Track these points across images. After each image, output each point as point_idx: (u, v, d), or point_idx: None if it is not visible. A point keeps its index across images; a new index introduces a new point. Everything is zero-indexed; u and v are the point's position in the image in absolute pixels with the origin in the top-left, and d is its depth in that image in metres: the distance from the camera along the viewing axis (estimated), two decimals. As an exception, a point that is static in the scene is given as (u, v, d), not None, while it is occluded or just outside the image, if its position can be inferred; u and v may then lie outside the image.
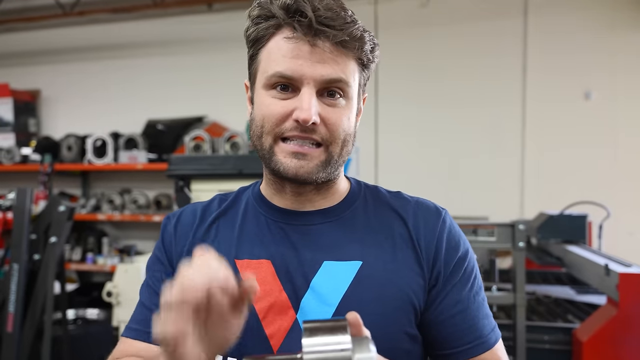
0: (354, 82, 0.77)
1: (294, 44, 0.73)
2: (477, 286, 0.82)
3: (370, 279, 0.77)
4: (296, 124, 0.74)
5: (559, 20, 3.72)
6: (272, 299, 0.77)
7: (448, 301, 0.79)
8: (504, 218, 2.83)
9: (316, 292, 0.77)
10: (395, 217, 0.83)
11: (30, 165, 4.24)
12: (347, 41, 0.73)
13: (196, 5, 4.30)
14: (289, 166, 0.76)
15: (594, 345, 1.84)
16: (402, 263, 0.79)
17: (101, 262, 4.17)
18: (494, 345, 0.80)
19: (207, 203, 0.91)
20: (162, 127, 4.19)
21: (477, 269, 0.84)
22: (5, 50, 4.95)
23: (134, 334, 0.83)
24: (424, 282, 0.79)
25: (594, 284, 2.15)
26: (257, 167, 2.46)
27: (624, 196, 3.56)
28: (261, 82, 0.77)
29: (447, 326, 0.79)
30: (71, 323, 3.30)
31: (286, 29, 0.74)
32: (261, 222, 0.84)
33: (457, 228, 0.85)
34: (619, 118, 3.64)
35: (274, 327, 0.76)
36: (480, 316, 0.80)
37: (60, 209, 2.55)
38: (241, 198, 0.90)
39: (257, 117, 0.78)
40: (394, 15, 3.92)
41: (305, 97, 0.73)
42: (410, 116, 3.98)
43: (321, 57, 0.73)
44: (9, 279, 2.47)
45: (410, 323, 0.78)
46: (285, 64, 0.73)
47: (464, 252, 0.82)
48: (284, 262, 0.80)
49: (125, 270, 2.24)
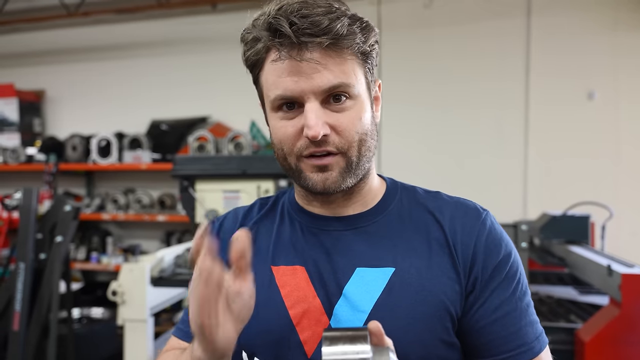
0: (356, 80, 0.74)
1: (283, 63, 0.72)
2: (520, 291, 0.78)
3: (403, 286, 0.76)
4: (309, 140, 0.73)
5: (562, 21, 3.72)
6: (306, 305, 0.78)
7: (487, 307, 0.76)
8: (507, 218, 2.83)
9: (348, 299, 0.77)
10: (431, 220, 0.81)
11: (35, 165, 4.26)
12: (334, 43, 0.71)
13: (200, 6, 4.32)
14: (316, 181, 0.76)
15: (596, 346, 1.85)
16: (437, 269, 0.77)
17: (105, 262, 4.19)
18: (539, 353, 0.76)
19: (248, 208, 0.92)
20: (166, 127, 4.21)
21: (521, 272, 0.80)
22: (10, 51, 4.98)
23: (180, 334, 0.88)
24: (460, 288, 0.76)
25: (596, 284, 2.15)
26: (261, 168, 2.48)
27: (627, 197, 3.56)
28: (268, 106, 0.78)
29: (487, 333, 0.76)
30: (76, 322, 3.32)
31: (272, 51, 0.73)
32: (296, 228, 0.85)
33: (498, 230, 0.81)
34: (622, 118, 3.64)
35: (308, 333, 0.76)
36: (524, 322, 0.77)
37: (66, 209, 2.56)
38: (279, 203, 0.91)
39: (275, 140, 0.79)
40: (397, 16, 3.93)
41: (309, 114, 0.72)
42: (412, 117, 3.98)
43: (314, 67, 0.71)
44: (15, 278, 2.49)
45: (447, 330, 0.76)
46: (283, 85, 0.73)
47: (506, 255, 0.78)
48: (317, 269, 0.79)
49: (130, 270, 2.25)
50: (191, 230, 3.92)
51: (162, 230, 4.46)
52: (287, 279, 0.80)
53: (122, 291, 2.23)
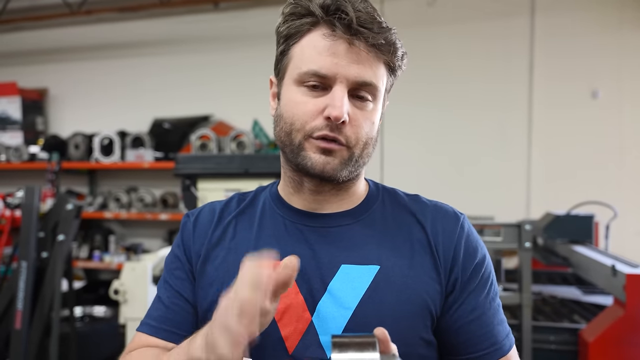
0: (382, 87, 0.77)
1: (332, 41, 0.73)
2: (493, 292, 0.82)
3: (387, 284, 0.77)
4: (326, 121, 0.74)
5: (566, 21, 3.70)
6: (288, 301, 0.77)
7: (465, 307, 0.79)
8: (511, 218, 2.82)
9: (333, 295, 0.77)
10: (413, 221, 0.83)
11: (37, 163, 4.27)
12: (382, 44, 0.73)
13: (202, 4, 4.32)
14: (317, 161, 0.76)
15: (600, 346, 1.84)
16: (419, 268, 0.79)
17: (108, 260, 4.19)
18: (509, 351, 0.81)
19: (225, 202, 0.91)
20: (168, 126, 4.21)
21: (493, 274, 0.84)
22: (13, 49, 4.98)
23: (149, 330, 0.84)
24: (441, 288, 0.79)
25: (600, 284, 2.14)
26: (263, 167, 2.47)
27: (631, 196, 3.54)
28: (292, 77, 0.77)
29: (463, 332, 0.79)
30: (78, 320, 3.32)
31: (324, 26, 0.74)
32: (278, 223, 0.84)
33: (475, 234, 0.85)
34: (626, 118, 3.62)
35: (290, 328, 0.76)
36: (496, 322, 0.81)
37: (68, 207, 2.56)
38: (259, 198, 0.90)
39: (285, 113, 0.78)
40: (401, 15, 3.91)
41: (338, 95, 0.73)
42: (416, 117, 3.97)
43: (357, 57, 0.73)
44: (18, 277, 2.49)
45: (427, 328, 0.78)
46: (321, 62, 0.73)
47: (482, 258, 0.82)
48: (301, 264, 0.78)
49: (132, 269, 2.25)
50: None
51: (164, 229, 4.46)
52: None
53: (124, 290, 2.23)
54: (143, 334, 0.84)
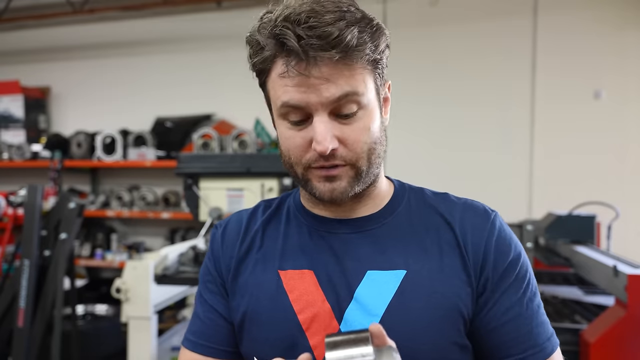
0: (366, 88, 0.71)
1: (292, 73, 0.69)
2: (530, 292, 0.78)
3: (415, 288, 0.75)
4: (317, 153, 0.72)
5: (568, 20, 3.70)
6: (315, 310, 0.76)
7: (498, 308, 0.76)
8: (512, 218, 2.82)
9: (360, 302, 0.75)
10: (441, 221, 0.80)
11: (40, 161, 4.28)
12: (344, 56, 0.67)
13: (205, 3, 4.32)
14: (323, 190, 0.74)
15: (601, 347, 1.84)
16: (448, 270, 0.76)
17: (110, 258, 4.20)
18: (551, 354, 0.77)
19: (252, 210, 0.90)
20: (170, 125, 4.21)
21: (531, 273, 0.80)
22: (16, 47, 4.99)
23: (189, 345, 0.85)
24: (472, 290, 0.75)
25: (602, 285, 2.13)
26: (265, 166, 2.47)
27: (633, 196, 3.54)
28: (276, 112, 0.75)
29: (498, 335, 0.75)
30: (80, 318, 3.33)
31: (279, 62, 0.70)
32: (303, 231, 0.83)
33: (507, 231, 0.81)
34: (628, 118, 3.61)
35: (318, 337, 0.75)
36: (535, 324, 0.76)
37: (71, 206, 2.57)
38: (284, 205, 0.89)
39: (282, 147, 0.77)
40: (403, 14, 3.91)
41: (318, 128, 0.70)
42: (418, 115, 3.97)
43: (322, 76, 0.68)
44: (20, 275, 2.50)
45: (459, 333, 0.75)
46: (289, 94, 0.70)
47: (515, 256, 0.78)
48: (327, 272, 0.78)
49: (134, 267, 2.25)
50: (195, 227, 3.94)
51: (166, 227, 4.47)
52: (295, 283, 0.78)
53: (126, 288, 2.23)
54: (186, 349, 0.86)
